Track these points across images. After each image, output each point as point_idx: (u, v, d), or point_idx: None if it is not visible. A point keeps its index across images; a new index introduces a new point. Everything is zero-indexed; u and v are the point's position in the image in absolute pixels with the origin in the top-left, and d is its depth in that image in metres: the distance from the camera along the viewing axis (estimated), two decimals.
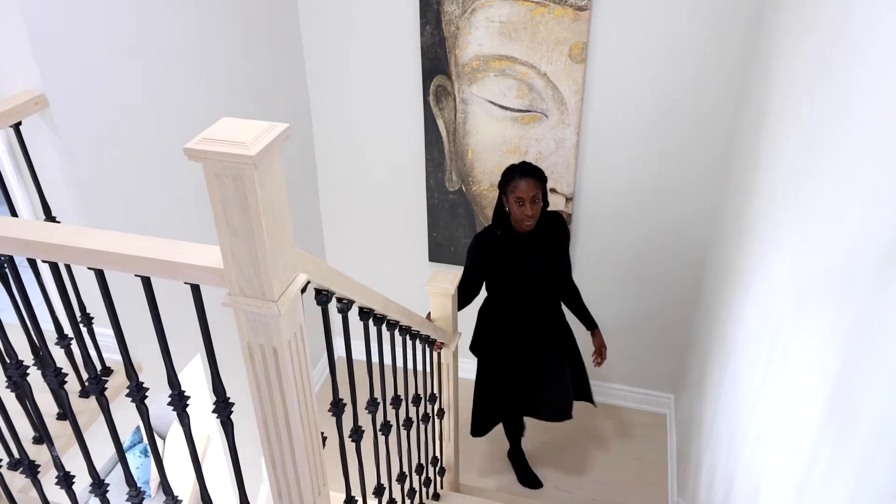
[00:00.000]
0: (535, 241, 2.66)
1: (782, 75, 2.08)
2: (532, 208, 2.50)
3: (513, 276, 2.69)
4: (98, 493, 1.59)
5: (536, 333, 2.85)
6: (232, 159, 0.94)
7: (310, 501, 1.34)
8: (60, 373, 1.41)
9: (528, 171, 2.50)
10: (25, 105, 1.75)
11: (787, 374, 1.60)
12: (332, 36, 3.17)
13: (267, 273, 1.04)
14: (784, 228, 1.81)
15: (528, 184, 2.48)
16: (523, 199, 2.49)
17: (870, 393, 1.10)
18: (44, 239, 1.17)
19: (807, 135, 1.70)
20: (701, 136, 2.93)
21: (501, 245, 2.64)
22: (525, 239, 2.64)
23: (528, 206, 2.49)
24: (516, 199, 2.50)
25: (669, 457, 3.56)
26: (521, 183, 2.48)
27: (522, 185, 2.48)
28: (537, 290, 2.74)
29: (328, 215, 3.75)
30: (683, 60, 2.79)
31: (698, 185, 3.06)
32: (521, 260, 2.66)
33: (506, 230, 2.63)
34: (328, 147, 3.51)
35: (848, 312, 1.24)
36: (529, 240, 2.65)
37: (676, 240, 3.23)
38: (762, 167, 2.20)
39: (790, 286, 1.68)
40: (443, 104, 3.16)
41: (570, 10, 2.77)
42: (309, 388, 1.26)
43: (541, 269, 2.69)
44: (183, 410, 1.35)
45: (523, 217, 2.51)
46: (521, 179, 2.49)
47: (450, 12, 2.92)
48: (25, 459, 1.61)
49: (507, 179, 2.54)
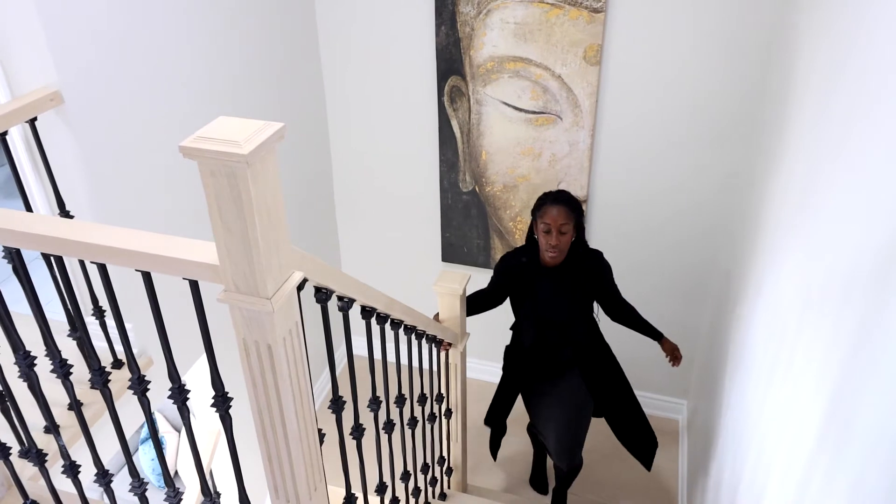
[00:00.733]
0: (560, 277, 2.52)
1: (798, 82, 2.06)
2: (558, 239, 2.38)
3: (526, 307, 2.62)
4: (102, 482, 1.62)
5: (547, 367, 2.74)
6: (225, 158, 0.95)
7: (305, 497, 1.35)
8: (66, 364, 1.44)
9: (560, 199, 2.39)
10: (41, 101, 1.79)
11: (790, 382, 1.58)
12: (349, 36, 3.19)
13: (261, 270, 1.06)
14: (793, 236, 1.79)
15: (558, 212, 2.36)
16: (550, 226, 2.37)
17: (865, 402, 1.09)
18: (48, 233, 1.19)
19: (817, 141, 1.68)
20: (716, 140, 2.91)
21: (524, 272, 2.55)
22: (549, 272, 2.52)
23: (554, 235, 2.37)
24: (544, 225, 2.39)
25: (680, 463, 3.53)
26: (551, 210, 2.37)
27: (552, 213, 2.37)
28: (548, 328, 2.63)
29: (343, 214, 3.78)
30: (699, 64, 2.77)
31: (712, 191, 3.03)
32: (539, 293, 2.56)
33: (532, 258, 2.54)
34: (344, 146, 3.54)
35: (847, 323, 1.23)
36: (554, 274, 2.52)
37: (689, 244, 3.21)
38: (775, 173, 2.17)
39: (796, 294, 1.66)
40: (457, 105, 3.17)
41: (585, 11, 2.76)
42: (305, 385, 1.27)
43: (556, 308, 2.57)
44: (183, 404, 1.37)
45: (547, 247, 2.41)
46: (552, 206, 2.37)
47: (465, 13, 2.93)
48: (33, 448, 1.64)
49: (538, 204, 2.45)
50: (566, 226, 2.37)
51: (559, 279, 2.53)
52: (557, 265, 2.50)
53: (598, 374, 2.76)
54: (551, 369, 2.74)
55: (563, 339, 2.65)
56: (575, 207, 2.41)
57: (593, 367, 2.75)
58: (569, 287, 2.54)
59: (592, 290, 2.60)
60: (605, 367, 2.79)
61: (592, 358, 2.74)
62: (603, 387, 2.79)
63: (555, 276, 2.53)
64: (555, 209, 2.37)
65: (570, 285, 2.54)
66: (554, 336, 2.64)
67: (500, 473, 3.53)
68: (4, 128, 1.77)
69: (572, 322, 2.61)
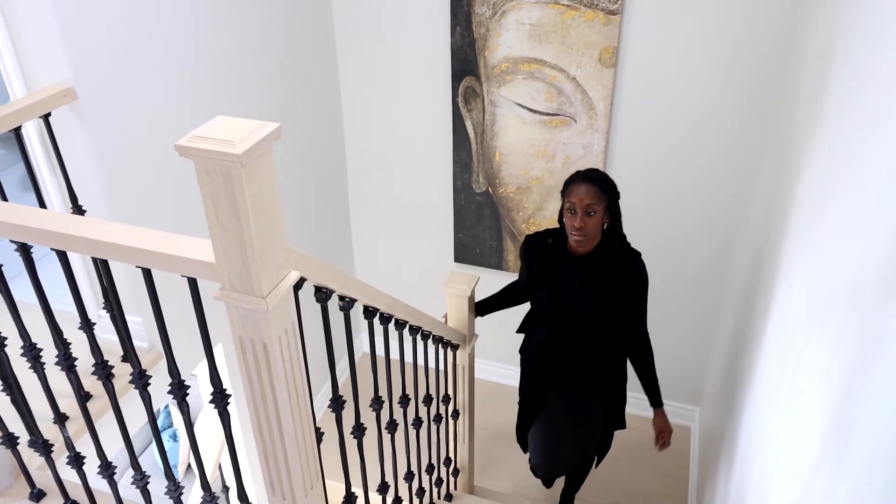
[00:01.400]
0: (588, 269, 2.25)
1: (816, 88, 2.02)
2: (584, 221, 2.11)
3: (543, 295, 2.35)
4: (105, 475, 1.64)
5: (559, 370, 2.48)
6: (220, 157, 0.96)
7: (301, 495, 1.36)
8: (70, 356, 1.46)
9: (590, 177, 2.15)
10: (54, 97, 1.82)
11: (795, 392, 1.55)
12: (365, 36, 3.20)
13: (256, 269, 1.06)
14: (804, 244, 1.76)
15: (586, 190, 2.11)
16: (575, 206, 2.12)
17: (864, 414, 1.07)
18: (52, 228, 1.21)
19: (832, 151, 1.65)
20: (732, 146, 2.87)
21: (547, 256, 2.30)
22: (576, 262, 2.26)
23: (579, 216, 2.11)
24: (569, 204, 2.14)
25: (691, 470, 3.49)
26: (578, 188, 2.12)
27: (579, 191, 2.12)
28: (566, 323, 2.35)
29: (357, 213, 3.79)
30: (715, 67, 2.73)
31: (726, 196, 2.99)
32: (559, 283, 2.29)
33: (559, 242, 2.28)
34: (359, 145, 3.55)
35: (849, 334, 1.21)
36: (581, 264, 2.25)
37: (702, 250, 3.17)
38: (788, 182, 2.14)
39: (803, 304, 1.63)
40: (471, 105, 3.16)
41: (601, 13, 2.74)
42: (302, 384, 1.28)
43: (577, 302, 2.30)
44: (183, 399, 1.39)
45: (571, 228, 2.15)
46: (580, 184, 2.13)
47: (480, 14, 2.92)
48: (39, 439, 1.67)
49: (567, 182, 2.19)
50: (594, 206, 2.11)
51: (586, 270, 2.26)
52: (586, 255, 2.23)
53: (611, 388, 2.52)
54: (563, 373, 2.49)
55: (582, 339, 2.37)
56: (607, 188, 2.15)
57: (609, 380, 2.49)
58: (596, 282, 2.26)
59: (621, 295, 2.29)
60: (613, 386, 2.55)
61: (610, 369, 2.47)
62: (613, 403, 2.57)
63: (582, 266, 2.25)
64: (582, 187, 2.11)
65: (597, 280, 2.26)
66: (571, 334, 2.37)
67: (508, 476, 3.52)
68: (19, 122, 1.80)
69: (594, 321, 2.32)
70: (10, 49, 1.85)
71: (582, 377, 2.47)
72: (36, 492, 1.81)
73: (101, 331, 2.17)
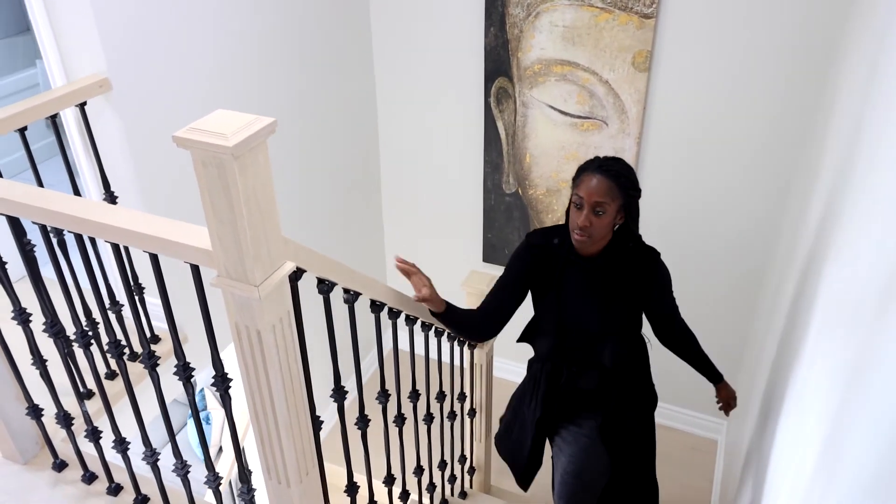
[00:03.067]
0: (598, 273, 1.94)
1: (854, 99, 1.96)
2: (589, 219, 1.80)
3: (547, 303, 2.02)
4: (119, 449, 1.71)
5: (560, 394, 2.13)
6: (213, 149, 1.00)
7: (296, 480, 1.40)
8: (87, 334, 1.53)
9: (605, 168, 1.80)
10: (90, 87, 1.91)
11: (801, 409, 1.52)
12: (400, 35, 3.24)
13: (249, 258, 1.10)
14: (824, 261, 1.72)
15: (599, 184, 1.78)
16: (583, 201, 1.80)
17: (853, 438, 1.04)
18: (70, 212, 1.28)
19: (848, 163, 1.61)
20: (767, 154, 2.80)
21: (552, 257, 1.98)
22: (584, 264, 1.94)
23: (585, 212, 1.80)
24: (575, 197, 1.83)
25: (715, 484, 3.43)
26: (590, 179, 1.80)
27: (589, 183, 1.79)
28: (570, 337, 2.02)
29: (389, 210, 3.84)
30: (751, 74, 2.67)
31: (759, 206, 2.92)
32: (565, 287, 1.98)
33: (566, 241, 1.95)
34: (392, 143, 3.59)
35: (847, 353, 1.18)
36: (590, 268, 1.94)
37: (732, 259, 3.10)
38: (817, 195, 2.08)
39: (817, 319, 1.59)
40: (503, 106, 3.17)
41: (635, 17, 2.72)
42: (297, 372, 1.31)
43: (584, 313, 1.98)
44: (188, 381, 1.44)
45: (574, 225, 1.83)
46: (592, 174, 1.80)
47: (514, 15, 2.92)
48: (61, 412, 1.75)
49: (579, 169, 1.87)
50: (606, 205, 1.78)
51: (595, 275, 1.94)
52: (596, 257, 1.92)
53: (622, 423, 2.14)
54: (564, 398, 2.13)
55: (589, 358, 2.04)
56: (625, 184, 1.81)
57: (619, 414, 2.12)
58: (607, 289, 1.95)
59: (640, 301, 2.00)
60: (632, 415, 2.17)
61: (624, 398, 2.12)
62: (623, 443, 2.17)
63: (591, 270, 1.94)
64: (594, 179, 1.78)
65: (608, 287, 1.95)
66: (577, 351, 2.04)
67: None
68: (56, 110, 1.89)
69: (604, 337, 2.00)
70: (52, 41, 1.95)
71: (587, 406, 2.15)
72: (58, 462, 1.90)
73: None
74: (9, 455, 1.92)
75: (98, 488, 1.86)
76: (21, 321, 1.59)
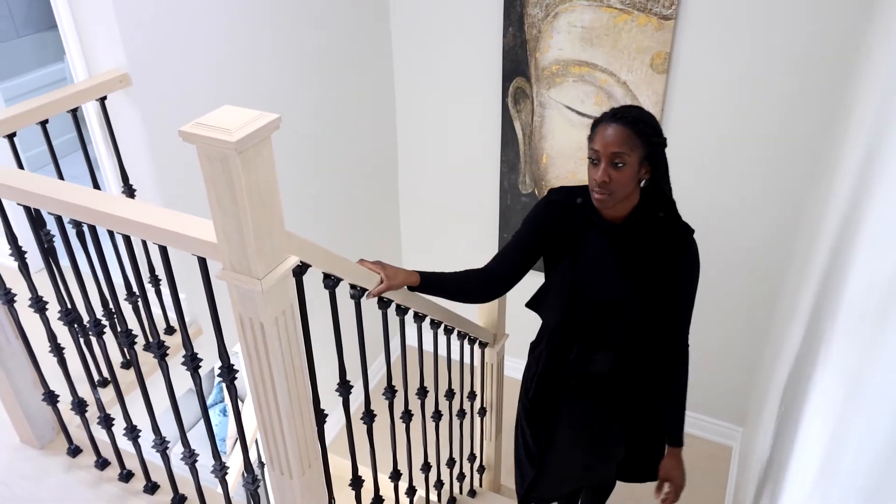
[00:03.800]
0: (621, 242, 1.72)
1: (868, 105, 1.94)
2: (607, 173, 1.58)
3: (561, 268, 1.80)
4: (130, 437, 1.75)
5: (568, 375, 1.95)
6: (217, 144, 1.02)
7: (298, 471, 1.42)
8: (99, 323, 1.57)
9: (621, 116, 1.57)
10: (111, 82, 1.95)
11: (809, 419, 1.51)
12: (419, 33, 3.26)
13: (252, 252, 1.12)
14: (837, 267, 1.70)
15: (615, 133, 1.56)
16: (599, 154, 1.58)
17: (849, 447, 1.03)
18: (85, 204, 1.31)
19: (868, 167, 1.59)
20: (787, 159, 2.77)
21: (572, 219, 1.76)
22: (608, 229, 1.72)
23: (602, 167, 1.58)
24: (591, 152, 1.61)
25: (728, 491, 3.39)
26: (605, 130, 1.58)
27: (605, 134, 1.57)
28: (585, 307, 1.81)
29: (406, 208, 3.86)
30: (771, 80, 2.64)
31: (776, 210, 2.89)
32: (584, 251, 1.76)
33: (587, 202, 1.74)
34: (409, 142, 3.61)
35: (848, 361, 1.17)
36: (613, 234, 1.72)
37: (749, 264, 3.07)
38: (834, 200, 2.06)
39: (827, 327, 1.58)
40: (520, 106, 3.17)
41: (654, 18, 2.70)
42: (301, 365, 1.33)
43: (604, 279, 1.76)
44: (195, 371, 1.47)
45: (593, 183, 1.63)
46: (605, 125, 1.58)
47: (532, 15, 2.92)
48: (75, 398, 1.80)
49: (594, 122, 1.64)
50: (624, 156, 1.56)
51: (618, 243, 1.73)
52: (622, 222, 1.71)
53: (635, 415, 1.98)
54: (573, 381, 1.94)
55: (604, 334, 1.84)
56: (644, 129, 1.57)
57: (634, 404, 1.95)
58: (628, 259, 1.73)
59: (660, 280, 1.74)
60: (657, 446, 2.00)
61: (640, 386, 1.92)
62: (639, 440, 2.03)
63: (613, 236, 1.73)
64: (609, 128, 1.57)
65: (630, 258, 1.73)
66: (591, 324, 1.83)
67: None
68: (78, 103, 1.94)
69: (623, 309, 1.78)
70: (75, 37, 1.99)
71: (599, 391, 1.95)
72: (73, 448, 1.94)
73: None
74: (26, 440, 1.97)
75: (110, 474, 1.90)
76: (38, 309, 1.64)
